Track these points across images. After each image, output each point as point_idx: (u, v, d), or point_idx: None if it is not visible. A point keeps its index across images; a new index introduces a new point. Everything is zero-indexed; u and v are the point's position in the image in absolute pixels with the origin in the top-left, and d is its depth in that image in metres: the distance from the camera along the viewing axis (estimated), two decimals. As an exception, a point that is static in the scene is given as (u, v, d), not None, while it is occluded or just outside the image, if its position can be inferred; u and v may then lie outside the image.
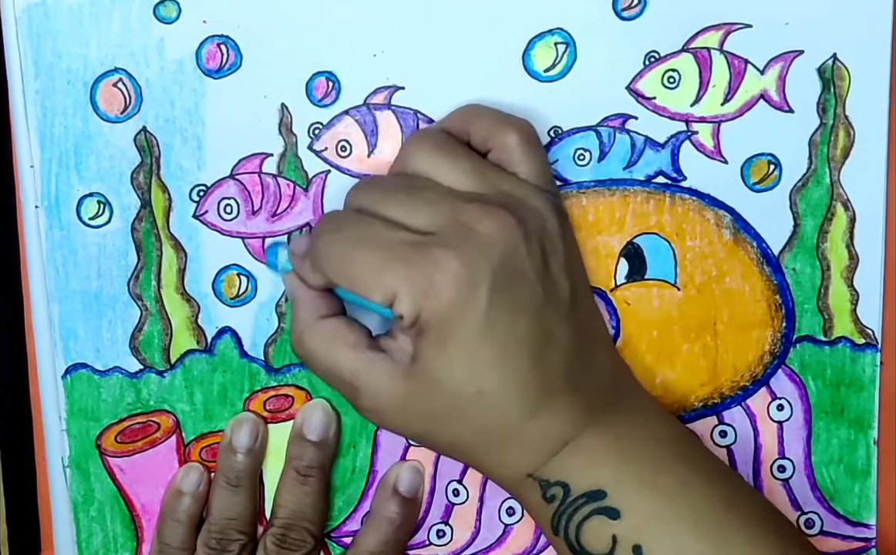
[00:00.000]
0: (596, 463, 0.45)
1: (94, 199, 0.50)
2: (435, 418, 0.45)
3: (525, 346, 0.44)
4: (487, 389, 0.44)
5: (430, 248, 0.44)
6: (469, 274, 0.43)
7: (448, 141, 0.48)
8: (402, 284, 0.44)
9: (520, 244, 0.44)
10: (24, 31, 0.49)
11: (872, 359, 0.52)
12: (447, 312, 0.44)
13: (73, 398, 0.52)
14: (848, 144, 0.51)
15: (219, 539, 0.52)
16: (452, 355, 0.44)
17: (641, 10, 0.50)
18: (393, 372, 0.45)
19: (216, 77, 0.50)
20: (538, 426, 0.45)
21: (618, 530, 0.44)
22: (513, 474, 0.46)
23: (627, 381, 0.49)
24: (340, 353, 0.46)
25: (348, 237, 0.45)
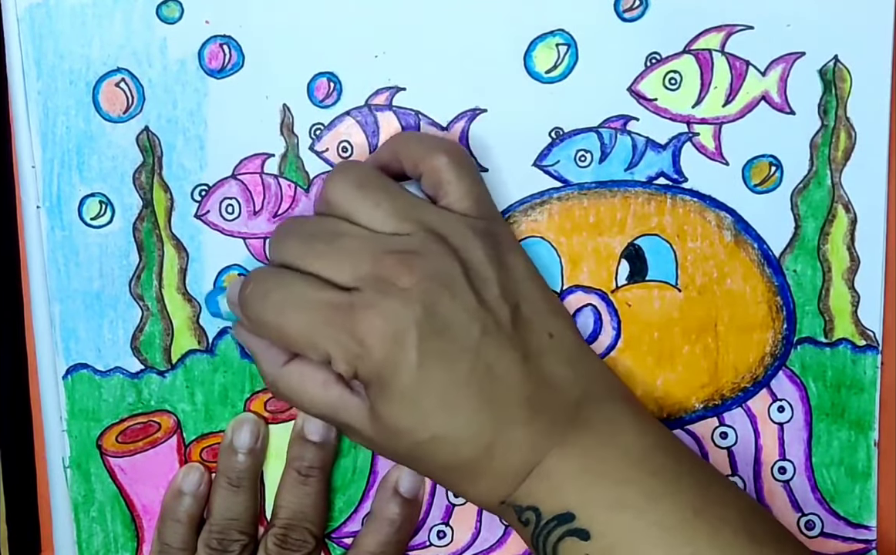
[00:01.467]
0: (561, 487, 0.45)
1: (96, 199, 0.50)
2: (406, 459, 0.47)
3: (467, 386, 0.45)
4: (439, 432, 0.45)
5: (355, 310, 0.44)
6: (394, 332, 0.44)
7: (369, 178, 0.47)
8: (333, 348, 0.45)
9: (443, 289, 0.45)
10: (26, 31, 0.49)
11: (873, 361, 0.52)
12: (381, 370, 0.44)
13: (74, 399, 0.52)
14: (849, 145, 0.51)
15: (220, 540, 0.52)
16: (397, 407, 0.45)
17: (643, 12, 0.50)
18: (361, 409, 0.46)
19: (218, 77, 0.50)
20: (499, 460, 0.45)
21: (590, 550, 0.44)
22: (487, 502, 0.47)
23: (596, 389, 0.48)
24: (314, 394, 0.47)
25: (275, 303, 0.46)
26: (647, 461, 0.45)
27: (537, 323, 0.47)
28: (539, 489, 0.45)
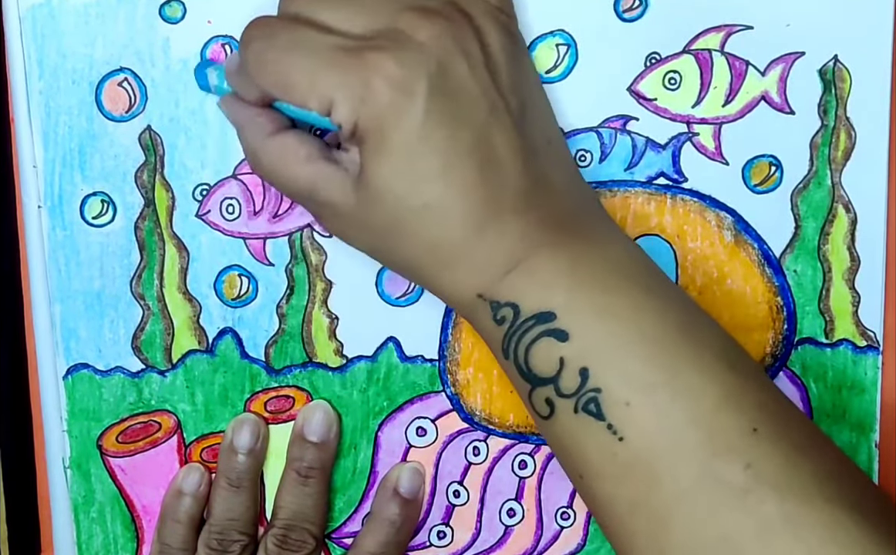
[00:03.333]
0: (547, 284, 0.43)
1: (98, 198, 0.50)
2: (387, 233, 0.44)
3: (468, 158, 0.43)
4: (431, 201, 0.43)
5: (366, 52, 0.42)
6: (405, 79, 0.42)
7: None
8: (337, 90, 0.42)
9: (459, 55, 0.43)
10: (28, 30, 0.49)
11: (874, 361, 0.52)
12: (384, 119, 0.42)
13: (75, 398, 0.52)
14: (849, 145, 0.51)
15: (220, 540, 0.52)
16: (393, 165, 0.42)
17: (643, 12, 0.50)
18: (344, 183, 0.44)
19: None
20: (487, 244, 0.43)
21: (566, 352, 0.43)
22: (463, 294, 0.44)
23: (591, 207, 0.47)
24: (295, 168, 0.45)
25: (280, 44, 0.43)
26: (637, 277, 0.44)
27: (541, 125, 0.46)
28: (522, 284, 0.43)
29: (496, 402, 0.52)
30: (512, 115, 0.44)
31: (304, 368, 0.52)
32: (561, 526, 0.54)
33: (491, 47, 0.45)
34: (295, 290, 0.52)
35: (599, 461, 0.43)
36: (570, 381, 0.43)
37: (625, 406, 0.42)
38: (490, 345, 0.45)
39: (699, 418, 0.42)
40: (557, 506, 0.53)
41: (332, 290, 0.52)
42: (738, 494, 0.41)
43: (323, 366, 0.52)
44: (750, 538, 0.40)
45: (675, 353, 0.42)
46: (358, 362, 0.52)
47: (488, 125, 0.43)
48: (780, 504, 0.40)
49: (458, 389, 0.52)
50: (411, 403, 0.53)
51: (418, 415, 0.53)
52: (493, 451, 0.53)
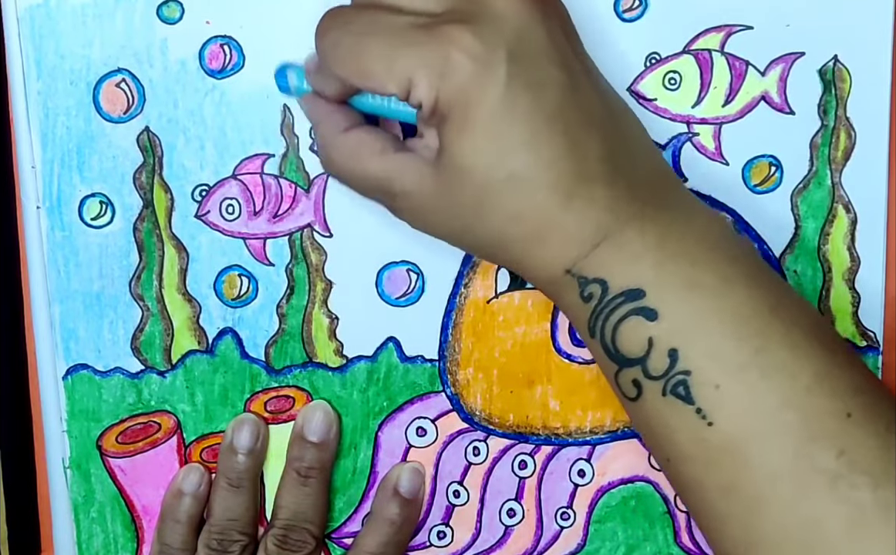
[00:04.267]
0: (637, 259, 0.42)
1: (97, 199, 0.50)
2: (469, 211, 0.43)
3: (553, 124, 0.42)
4: (518, 171, 0.41)
5: (442, 26, 0.41)
6: (485, 48, 0.41)
7: None
8: (416, 67, 0.41)
9: (537, 20, 0.42)
10: (26, 31, 0.49)
11: (874, 361, 0.52)
12: (466, 91, 0.41)
13: (74, 399, 0.52)
14: (849, 145, 0.51)
15: (220, 540, 0.52)
16: (477, 138, 0.41)
17: (642, 12, 0.50)
18: (422, 169, 0.43)
19: (219, 77, 0.50)
20: (576, 214, 0.42)
21: (655, 332, 0.42)
22: (551, 270, 0.43)
23: (670, 176, 0.46)
24: (369, 161, 0.45)
25: (354, 30, 0.43)
26: (725, 248, 0.43)
27: (614, 93, 0.45)
28: (612, 260, 0.42)
29: (496, 402, 0.52)
30: (592, 81, 0.43)
31: (304, 368, 0.52)
32: (561, 526, 0.54)
33: (563, 12, 0.44)
34: (295, 290, 0.52)
35: (688, 445, 0.42)
36: (659, 362, 0.42)
37: (714, 389, 0.41)
38: (574, 322, 0.44)
39: (792, 400, 0.41)
40: (557, 506, 0.53)
41: (332, 290, 0.52)
42: (831, 479, 0.40)
43: (323, 366, 0.52)
44: (842, 524, 0.40)
45: (765, 331, 0.42)
46: (358, 362, 0.52)
47: (570, 89, 0.42)
48: (873, 491, 0.40)
49: (458, 389, 0.52)
50: (411, 404, 0.53)
51: (418, 415, 0.53)
52: (493, 451, 0.53)
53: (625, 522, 0.54)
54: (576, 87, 0.42)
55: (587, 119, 0.42)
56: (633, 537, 0.54)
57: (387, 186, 0.44)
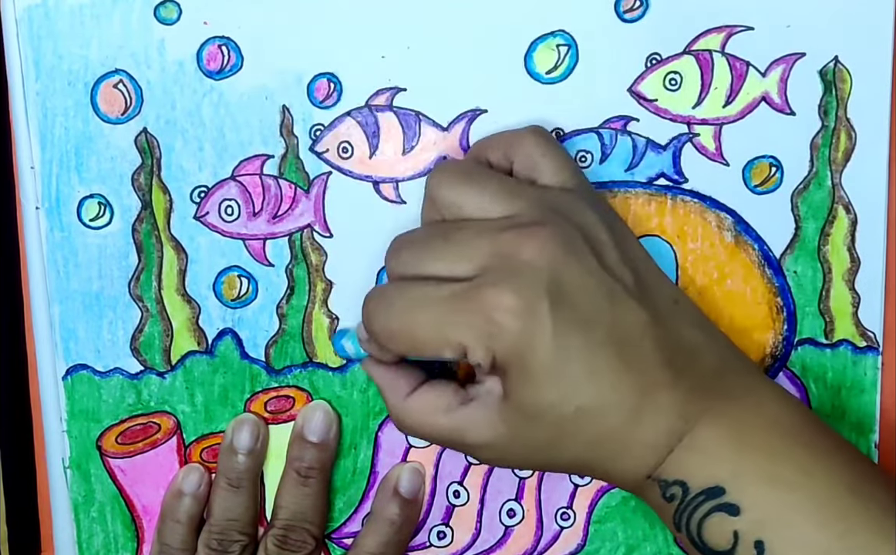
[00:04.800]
0: (713, 459, 0.43)
1: (95, 200, 0.50)
2: (545, 447, 0.45)
3: (607, 350, 0.43)
4: (584, 404, 0.43)
5: (481, 290, 0.43)
6: (526, 303, 0.43)
7: (471, 168, 0.47)
8: (467, 335, 0.43)
9: (567, 255, 0.44)
10: (24, 32, 0.49)
11: (874, 362, 0.52)
12: (518, 347, 0.43)
13: (74, 399, 0.52)
14: (849, 146, 0.51)
15: (220, 540, 0.52)
16: (539, 384, 0.43)
17: (643, 13, 0.50)
18: (490, 418, 0.45)
19: (217, 78, 0.50)
20: (646, 426, 0.44)
21: (739, 526, 0.43)
22: (633, 478, 0.45)
23: (732, 358, 0.47)
24: (438, 422, 0.46)
25: (400, 310, 0.45)
26: (797, 434, 0.44)
27: (659, 288, 0.46)
28: (688, 461, 0.44)
29: (496, 402, 0.52)
30: (629, 291, 0.44)
31: (305, 368, 0.52)
32: (561, 526, 0.54)
33: (588, 228, 0.45)
34: (295, 290, 0.51)
35: None
36: (747, 554, 0.43)
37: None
38: (661, 516, 0.46)
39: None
40: (557, 506, 0.54)
41: (332, 290, 0.52)
42: None
43: (323, 366, 0.52)
44: None
45: (847, 514, 0.42)
46: (358, 363, 0.52)
47: (613, 311, 0.44)
48: None
49: (458, 389, 0.52)
50: (411, 404, 0.53)
51: (418, 415, 0.53)
52: (493, 451, 0.53)
53: (625, 522, 0.54)
54: (617, 306, 0.44)
55: (636, 333, 0.44)
56: (633, 537, 0.54)
57: (460, 440, 0.46)
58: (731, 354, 0.47)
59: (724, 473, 0.43)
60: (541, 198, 0.46)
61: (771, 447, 0.44)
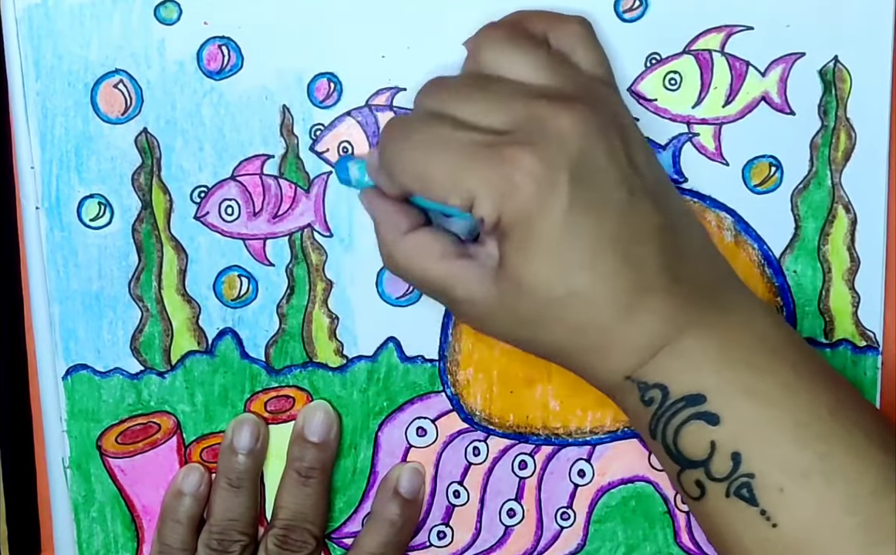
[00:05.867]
0: (697, 366, 0.43)
1: (95, 200, 0.50)
2: (530, 323, 0.44)
3: (614, 242, 0.42)
4: (578, 289, 0.42)
5: (506, 146, 0.42)
6: (548, 171, 0.42)
7: (518, 33, 0.46)
8: (479, 185, 0.42)
9: (599, 138, 0.43)
10: (24, 32, 0.49)
11: (874, 361, 0.52)
12: (528, 212, 0.42)
13: (74, 399, 0.52)
14: (849, 146, 0.51)
15: (220, 540, 0.52)
16: (538, 257, 0.42)
17: (643, 12, 0.50)
18: (483, 278, 0.44)
19: (217, 78, 0.50)
20: (635, 326, 0.43)
21: (717, 436, 0.42)
22: (611, 376, 0.44)
23: (727, 275, 0.46)
24: (430, 265, 0.45)
25: (420, 142, 0.44)
26: (784, 352, 0.44)
27: (674, 197, 0.46)
28: (671, 366, 0.43)
29: (496, 402, 0.53)
30: (650, 194, 0.44)
31: (305, 368, 0.52)
32: (561, 526, 0.54)
33: (626, 128, 0.45)
34: (295, 290, 0.51)
35: (752, 546, 0.43)
36: (722, 465, 0.43)
37: (778, 492, 0.42)
38: (634, 423, 0.45)
39: (857, 505, 0.42)
40: (557, 506, 0.54)
41: (332, 290, 0.52)
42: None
43: (323, 366, 0.52)
44: None
45: (828, 436, 0.42)
46: (358, 362, 0.52)
47: (630, 206, 0.43)
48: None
49: (459, 389, 0.52)
50: (411, 404, 0.53)
51: (418, 415, 0.53)
52: (493, 451, 0.53)
53: (625, 522, 0.54)
54: (635, 203, 0.43)
55: (645, 233, 0.43)
56: (633, 537, 0.54)
57: (448, 291, 0.45)
58: (727, 272, 0.46)
59: (707, 382, 0.43)
60: (583, 78, 0.45)
61: (756, 363, 0.43)
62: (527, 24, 0.47)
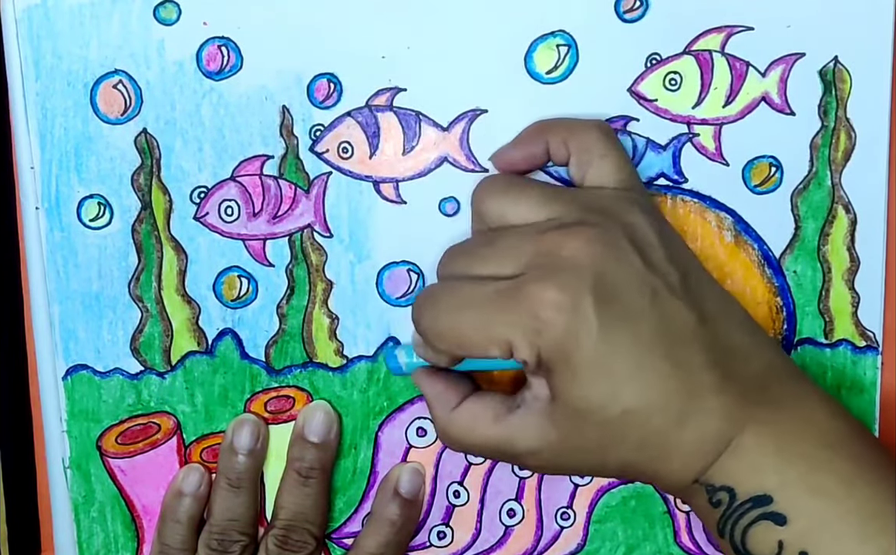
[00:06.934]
0: (760, 467, 0.43)
1: (95, 200, 0.50)
2: (594, 450, 0.45)
3: (653, 349, 0.43)
4: (630, 404, 0.43)
5: (524, 287, 0.43)
6: (570, 298, 0.43)
7: (512, 179, 0.48)
8: (511, 331, 0.43)
9: (609, 252, 0.44)
10: (24, 32, 0.49)
11: (873, 361, 0.52)
12: (564, 342, 0.43)
13: (74, 399, 0.52)
14: (849, 146, 0.51)
15: (220, 540, 0.52)
16: (585, 383, 0.43)
17: (643, 13, 0.50)
18: (539, 422, 0.45)
19: (217, 79, 0.50)
20: (693, 430, 0.43)
21: (784, 536, 0.43)
22: (680, 481, 0.45)
23: (780, 364, 0.46)
24: (486, 432, 0.46)
25: (447, 307, 0.45)
26: (844, 446, 0.44)
27: (707, 290, 0.46)
28: (736, 468, 0.44)
29: (496, 402, 0.52)
30: (675, 291, 0.44)
31: (305, 368, 0.52)
32: (561, 526, 0.54)
33: (634, 228, 0.45)
34: (295, 290, 0.51)
35: None
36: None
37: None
38: (704, 521, 0.46)
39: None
40: (557, 506, 0.54)
41: (332, 290, 0.52)
42: None
43: (323, 366, 0.52)
44: None
45: (889, 528, 0.42)
46: (358, 363, 0.52)
47: (657, 308, 0.43)
48: None
49: (458, 389, 0.52)
50: (411, 404, 0.53)
51: (418, 415, 0.53)
52: (493, 451, 0.53)
53: (625, 522, 0.54)
54: (662, 304, 0.44)
55: (682, 333, 0.44)
56: (633, 537, 0.54)
57: (509, 450, 0.46)
58: (778, 358, 0.46)
59: (772, 481, 0.43)
60: (582, 199, 0.46)
61: (816, 458, 0.44)
62: (546, 135, 0.48)
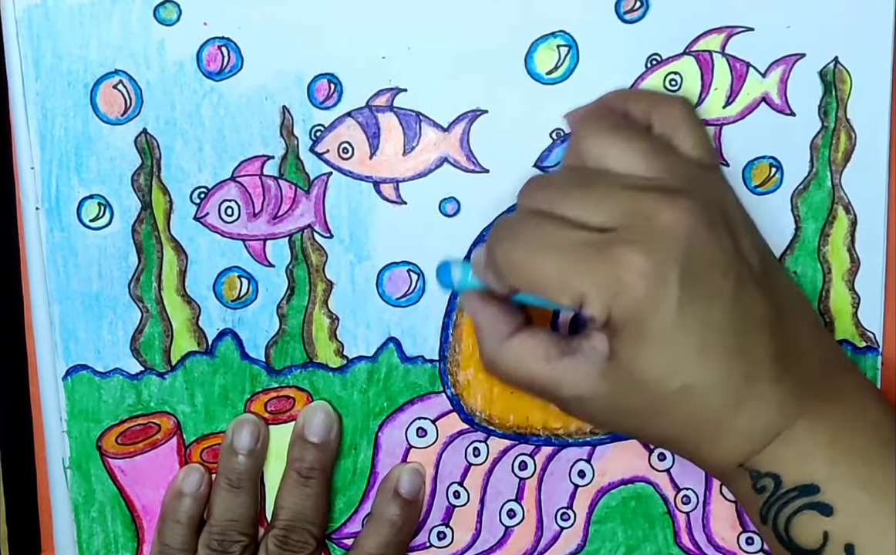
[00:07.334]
0: (809, 456, 0.43)
1: (95, 200, 0.50)
2: (641, 415, 0.44)
3: (724, 334, 0.43)
4: (690, 381, 0.43)
5: (614, 246, 0.42)
6: (656, 268, 0.42)
7: (620, 123, 0.46)
8: (589, 286, 0.42)
9: (705, 230, 0.43)
10: (24, 32, 0.49)
11: (874, 362, 0.52)
12: (639, 310, 0.42)
13: (74, 400, 0.52)
14: (849, 147, 0.51)
15: (220, 540, 0.52)
16: (650, 352, 0.42)
17: (644, 13, 0.50)
18: (591, 374, 0.44)
19: (217, 79, 0.50)
20: (746, 416, 0.43)
21: (830, 527, 0.43)
22: (723, 464, 0.44)
23: (837, 359, 0.46)
24: (535, 369, 0.45)
25: (529, 244, 0.44)
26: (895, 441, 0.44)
27: (782, 282, 0.46)
28: (784, 456, 0.43)
29: (496, 403, 0.53)
30: (756, 279, 0.44)
31: (305, 368, 0.52)
32: (561, 527, 0.54)
33: (729, 212, 0.45)
34: (295, 290, 0.51)
35: None
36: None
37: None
38: (745, 507, 0.45)
39: None
40: (557, 507, 0.54)
41: (332, 290, 0.52)
42: None
43: (323, 366, 0.52)
44: None
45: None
46: (358, 363, 0.52)
47: (737, 295, 0.43)
48: None
49: (459, 389, 0.52)
50: (411, 404, 0.53)
51: (419, 416, 0.53)
52: (493, 452, 0.53)
53: (625, 522, 0.54)
54: (743, 292, 0.43)
55: (754, 323, 0.43)
56: (633, 537, 0.54)
57: (555, 391, 0.45)
58: (836, 354, 0.46)
59: (820, 472, 0.43)
60: (686, 167, 0.45)
61: (868, 452, 0.43)
62: (627, 104, 0.47)
